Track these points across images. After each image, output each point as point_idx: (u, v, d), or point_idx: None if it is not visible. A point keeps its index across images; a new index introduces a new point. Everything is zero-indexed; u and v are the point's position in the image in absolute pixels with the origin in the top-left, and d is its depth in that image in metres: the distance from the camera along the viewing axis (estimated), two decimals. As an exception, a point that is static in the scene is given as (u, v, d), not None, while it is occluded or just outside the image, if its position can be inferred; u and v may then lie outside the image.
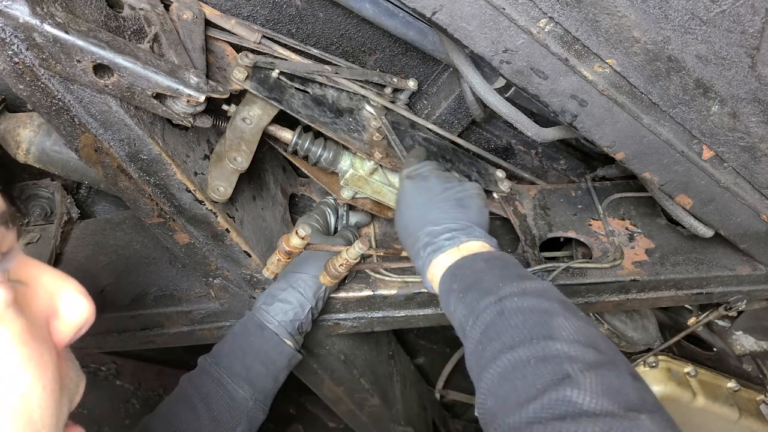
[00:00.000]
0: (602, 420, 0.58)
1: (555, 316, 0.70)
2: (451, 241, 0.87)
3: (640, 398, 0.62)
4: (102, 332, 1.17)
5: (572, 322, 0.70)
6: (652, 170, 0.98)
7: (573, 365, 0.64)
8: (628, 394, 0.61)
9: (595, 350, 0.66)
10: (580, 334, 0.68)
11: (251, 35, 1.05)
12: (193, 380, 0.96)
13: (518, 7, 0.77)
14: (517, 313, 0.72)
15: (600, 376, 0.62)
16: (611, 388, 0.61)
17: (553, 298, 0.74)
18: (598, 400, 0.60)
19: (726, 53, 0.80)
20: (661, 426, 0.59)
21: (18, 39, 0.67)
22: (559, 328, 0.69)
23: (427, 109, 1.32)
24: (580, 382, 0.62)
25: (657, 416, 0.60)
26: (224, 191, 0.93)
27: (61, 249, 1.28)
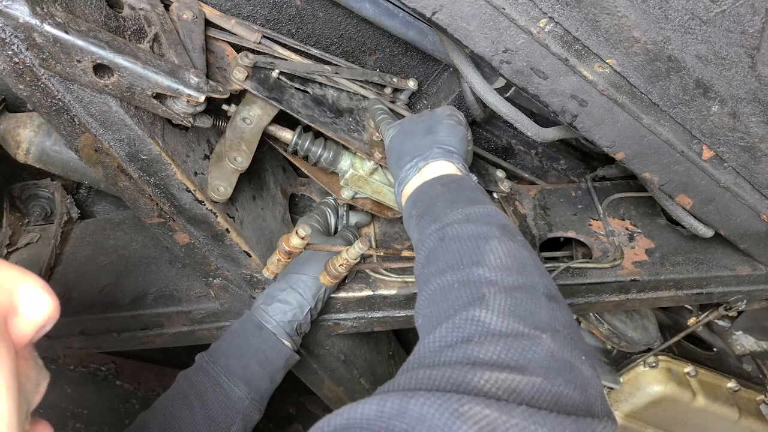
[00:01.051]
0: (504, 339, 0.60)
1: (489, 241, 0.73)
2: (413, 169, 0.89)
3: (549, 318, 0.65)
4: (102, 332, 1.17)
5: (504, 246, 0.72)
6: (652, 170, 0.98)
7: (490, 288, 0.66)
8: (537, 315, 0.64)
9: (518, 273, 0.69)
10: (508, 258, 0.71)
11: (251, 35, 1.05)
12: (190, 378, 0.96)
13: (518, 7, 0.76)
14: (455, 240, 0.75)
15: (512, 298, 0.65)
16: (521, 309, 0.64)
17: (494, 222, 0.77)
18: (505, 320, 0.62)
19: (726, 53, 0.80)
20: (561, 344, 0.62)
21: (18, 39, 0.67)
22: (489, 253, 0.71)
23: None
24: (490, 303, 0.64)
25: (560, 334, 0.63)
26: (224, 191, 0.93)
27: (61, 249, 1.28)
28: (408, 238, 1.26)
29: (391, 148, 0.98)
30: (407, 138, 0.95)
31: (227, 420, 0.93)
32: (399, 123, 1.02)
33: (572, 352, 0.64)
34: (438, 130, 0.94)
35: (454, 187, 0.85)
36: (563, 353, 0.63)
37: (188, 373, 0.97)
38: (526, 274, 0.70)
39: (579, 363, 0.63)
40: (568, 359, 0.63)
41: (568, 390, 0.59)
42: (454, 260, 0.73)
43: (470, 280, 0.69)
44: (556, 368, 0.61)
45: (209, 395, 0.93)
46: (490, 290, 0.67)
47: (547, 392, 0.58)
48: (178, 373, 0.98)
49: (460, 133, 0.95)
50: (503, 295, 0.66)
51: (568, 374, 0.61)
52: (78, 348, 1.22)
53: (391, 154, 0.98)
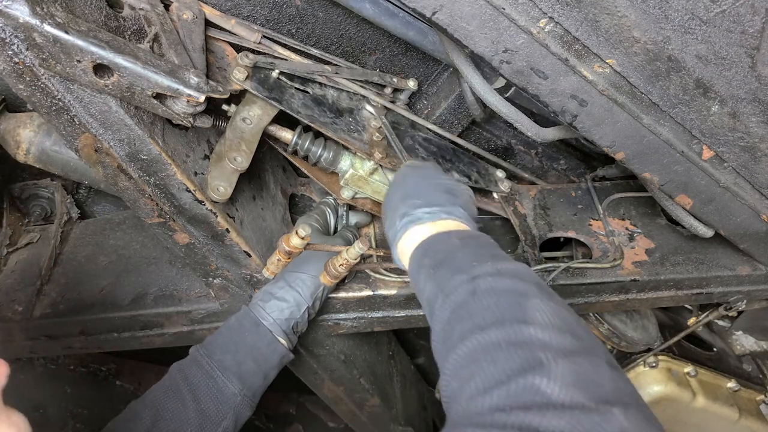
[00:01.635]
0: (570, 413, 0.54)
1: (530, 299, 0.66)
2: (430, 215, 0.83)
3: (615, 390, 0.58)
4: (102, 332, 1.17)
5: (548, 306, 0.66)
6: (652, 170, 0.98)
7: (546, 352, 0.59)
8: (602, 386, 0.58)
9: (572, 336, 0.62)
10: (556, 318, 0.64)
11: (251, 35, 1.05)
12: (184, 370, 0.95)
13: (518, 7, 0.76)
14: (491, 293, 0.68)
15: (574, 364, 0.58)
16: (584, 378, 0.58)
17: (529, 280, 0.70)
18: (569, 391, 0.56)
19: (726, 53, 0.80)
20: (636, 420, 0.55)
21: (18, 39, 0.67)
22: (534, 311, 0.65)
23: (427, 109, 1.32)
24: (551, 370, 0.57)
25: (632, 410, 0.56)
26: (224, 191, 0.93)
27: (61, 249, 1.28)
28: None
29: (401, 182, 0.92)
30: (424, 184, 0.89)
31: (219, 415, 0.92)
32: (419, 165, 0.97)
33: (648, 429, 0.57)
34: (458, 195, 0.89)
35: (473, 243, 0.78)
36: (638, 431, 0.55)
37: (182, 366, 0.96)
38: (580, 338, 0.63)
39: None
40: None
41: None
42: (494, 316, 0.65)
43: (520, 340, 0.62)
44: None
45: (202, 389, 0.92)
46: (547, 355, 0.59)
47: None
48: (172, 365, 0.97)
49: (474, 212, 0.91)
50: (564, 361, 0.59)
51: None
52: (78, 348, 1.22)
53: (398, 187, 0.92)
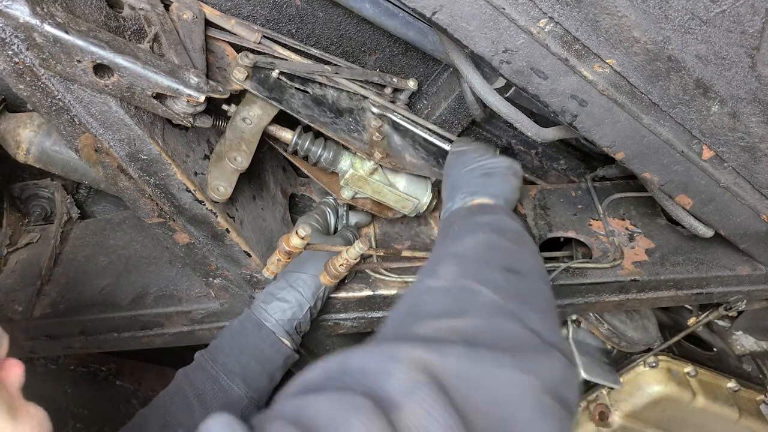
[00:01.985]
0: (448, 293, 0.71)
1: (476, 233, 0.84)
2: (464, 200, 0.99)
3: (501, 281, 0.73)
4: (102, 332, 1.17)
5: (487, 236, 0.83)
6: (652, 170, 0.98)
7: (448, 260, 0.78)
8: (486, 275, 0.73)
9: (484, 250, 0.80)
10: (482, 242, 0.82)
11: (251, 35, 1.05)
12: (189, 375, 0.96)
13: (518, 7, 0.76)
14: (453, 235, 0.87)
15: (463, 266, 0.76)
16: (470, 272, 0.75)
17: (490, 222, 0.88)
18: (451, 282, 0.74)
19: (726, 53, 0.80)
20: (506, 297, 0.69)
21: (18, 39, 0.67)
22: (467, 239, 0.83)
23: (427, 109, 1.31)
24: (440, 272, 0.76)
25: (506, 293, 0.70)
26: (224, 191, 0.93)
27: (61, 249, 1.28)
28: (407, 238, 1.26)
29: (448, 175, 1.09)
30: (464, 173, 1.05)
31: None
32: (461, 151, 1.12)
33: (520, 306, 0.68)
34: (493, 175, 1.02)
35: (476, 209, 0.95)
36: (508, 305, 0.67)
37: (187, 371, 0.97)
38: (491, 252, 0.79)
39: (526, 315, 0.66)
40: (513, 309, 0.66)
41: (508, 325, 0.63)
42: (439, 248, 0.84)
43: (438, 259, 0.79)
44: (497, 312, 0.66)
45: (208, 393, 0.93)
46: (446, 262, 0.76)
47: (486, 330, 0.61)
48: (178, 371, 0.97)
49: (512, 185, 1.03)
50: (456, 265, 0.75)
51: (510, 319, 0.65)
52: (78, 348, 1.22)
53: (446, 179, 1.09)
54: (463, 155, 1.09)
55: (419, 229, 1.29)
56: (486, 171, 1.03)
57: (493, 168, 1.03)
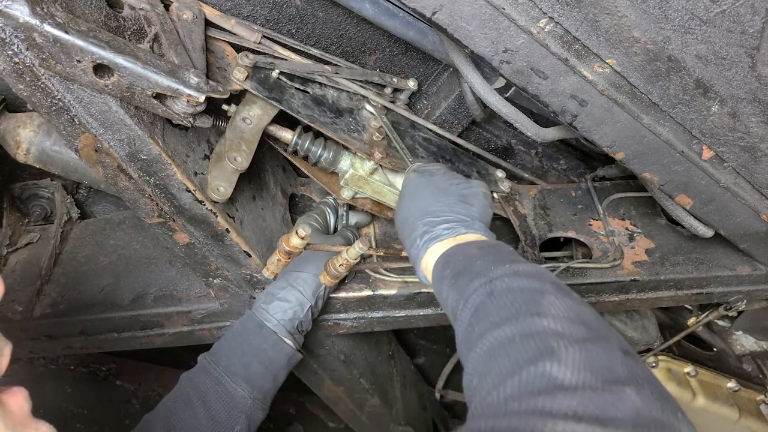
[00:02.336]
0: (581, 393, 0.54)
1: (546, 295, 0.67)
2: (449, 231, 0.86)
3: (628, 373, 0.58)
4: (102, 332, 1.17)
5: (563, 301, 0.67)
6: (652, 170, 0.98)
7: (558, 341, 0.60)
8: (614, 369, 0.58)
9: (586, 327, 0.63)
10: (570, 312, 0.65)
11: (251, 35, 1.05)
12: (193, 378, 0.96)
13: (518, 7, 0.76)
14: (507, 293, 0.70)
15: (585, 350, 0.59)
16: (596, 362, 0.58)
17: (545, 279, 0.72)
18: (579, 374, 0.56)
19: (726, 53, 0.80)
20: (649, 399, 0.55)
21: (18, 39, 0.67)
22: (548, 305, 0.66)
23: (427, 109, 1.32)
24: (561, 356, 0.58)
25: (645, 390, 0.56)
26: (224, 191, 0.93)
27: (61, 249, 1.28)
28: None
29: (414, 194, 0.95)
30: (437, 194, 0.92)
31: (230, 420, 0.93)
32: (429, 171, 0.99)
33: (663, 407, 0.56)
34: (473, 203, 0.92)
35: (492, 250, 0.80)
36: (652, 410, 0.55)
37: (191, 374, 0.97)
38: (593, 328, 0.64)
39: (674, 421, 0.55)
40: (659, 416, 0.55)
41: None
42: (510, 312, 0.66)
43: (533, 332, 0.62)
44: (645, 424, 0.53)
45: (212, 396, 0.93)
46: (559, 343, 0.60)
47: None
48: (181, 374, 0.98)
49: (489, 214, 0.94)
50: (575, 347, 0.59)
51: (660, 428, 0.54)
52: (78, 348, 1.22)
53: (411, 200, 0.94)
54: (433, 175, 0.98)
55: (419, 229, 1.29)
56: (463, 196, 0.93)
57: (469, 194, 0.94)
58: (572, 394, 0.55)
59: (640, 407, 0.54)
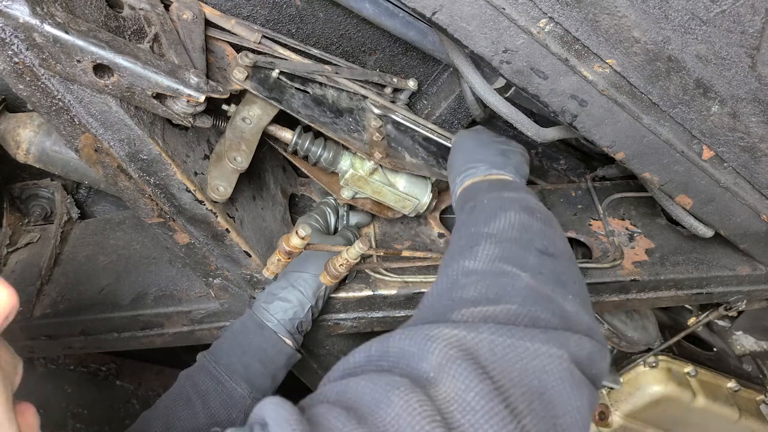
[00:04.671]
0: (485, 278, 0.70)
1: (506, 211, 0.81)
2: (484, 171, 0.97)
3: (536, 264, 0.72)
4: (102, 332, 1.17)
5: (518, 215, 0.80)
6: (652, 170, 0.98)
7: (485, 241, 0.75)
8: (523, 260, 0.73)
9: (518, 232, 0.77)
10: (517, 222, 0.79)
11: (251, 35, 1.05)
12: (192, 377, 0.96)
13: (518, 7, 0.76)
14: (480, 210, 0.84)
15: (501, 248, 0.74)
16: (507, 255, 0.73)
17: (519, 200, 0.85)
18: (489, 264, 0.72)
19: (726, 53, 0.80)
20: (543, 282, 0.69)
21: (18, 39, 0.67)
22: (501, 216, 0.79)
23: (427, 109, 1.32)
24: (477, 252, 0.74)
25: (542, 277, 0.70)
26: (224, 191, 0.93)
27: (61, 249, 1.28)
28: (407, 238, 1.26)
29: (461, 146, 1.07)
30: (481, 146, 1.04)
31: (229, 419, 0.93)
32: (476, 129, 1.13)
33: (555, 290, 0.68)
34: (511, 157, 1.02)
35: (501, 182, 0.94)
36: (544, 289, 0.67)
37: (190, 373, 0.97)
38: (526, 233, 0.76)
39: (561, 299, 0.67)
40: (548, 294, 0.67)
41: (544, 314, 0.63)
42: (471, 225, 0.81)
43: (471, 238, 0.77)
44: (533, 298, 0.65)
45: (211, 394, 0.93)
46: (483, 243, 0.74)
47: (522, 316, 0.62)
48: (180, 372, 0.98)
49: (526, 170, 1.04)
50: (493, 245, 0.74)
51: (546, 304, 0.65)
52: (78, 348, 1.22)
53: (458, 150, 1.07)
54: (478, 133, 1.10)
55: (419, 229, 1.29)
56: (503, 150, 1.03)
57: (509, 148, 1.04)
58: (478, 281, 0.68)
59: (532, 285, 0.67)
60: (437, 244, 1.26)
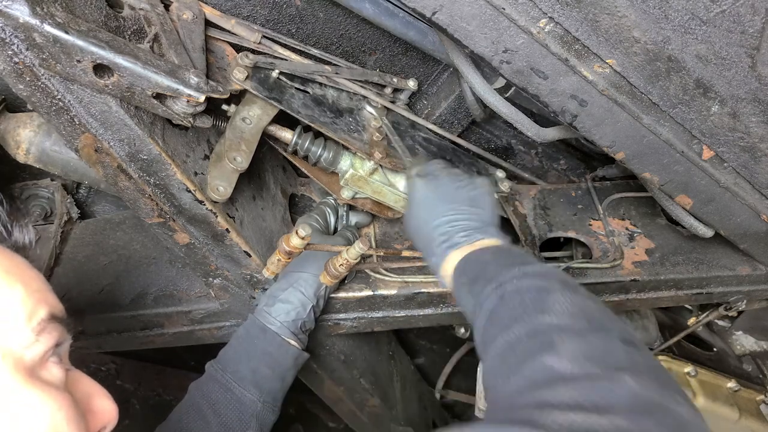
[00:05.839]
0: (578, 383, 0.56)
1: (551, 293, 0.70)
2: (467, 238, 0.87)
3: (627, 360, 0.60)
4: (102, 332, 1.17)
5: (568, 297, 0.69)
6: (652, 170, 0.98)
7: (559, 335, 0.63)
8: (614, 356, 0.60)
9: (587, 320, 0.65)
10: (574, 306, 0.67)
11: (251, 35, 1.05)
12: (201, 387, 0.96)
13: (518, 7, 0.76)
14: (516, 294, 0.72)
15: (584, 342, 0.61)
16: (595, 352, 0.60)
17: (552, 277, 0.74)
18: (577, 365, 0.58)
19: (726, 53, 0.80)
20: (647, 384, 0.56)
21: (18, 39, 0.67)
22: (552, 302, 0.68)
23: (427, 109, 1.32)
24: (561, 349, 0.60)
25: (644, 376, 0.57)
26: (224, 191, 0.93)
27: (61, 249, 1.28)
28: (407, 238, 1.26)
29: (422, 202, 0.95)
30: (447, 200, 0.92)
31: (242, 425, 0.93)
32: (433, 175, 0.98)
33: (662, 392, 0.57)
34: (482, 204, 0.93)
35: (504, 254, 0.83)
36: (650, 394, 0.56)
37: (199, 383, 0.97)
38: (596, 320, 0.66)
39: (673, 404, 0.56)
40: (658, 400, 0.56)
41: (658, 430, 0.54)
42: (518, 313, 0.69)
43: (538, 329, 0.65)
44: (644, 410, 0.55)
45: (221, 403, 0.93)
46: (560, 336, 0.62)
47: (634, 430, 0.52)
48: (190, 384, 0.98)
49: (497, 212, 0.95)
50: (574, 339, 0.62)
51: (659, 416, 0.55)
52: (78, 348, 1.21)
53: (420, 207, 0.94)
54: (437, 179, 0.97)
55: (419, 229, 1.29)
56: (471, 198, 0.93)
57: (477, 198, 0.94)
58: (571, 384, 0.57)
59: (638, 392, 0.55)
60: (437, 244, 1.26)
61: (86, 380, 0.64)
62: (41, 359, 0.57)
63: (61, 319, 0.61)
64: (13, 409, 0.52)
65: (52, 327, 0.58)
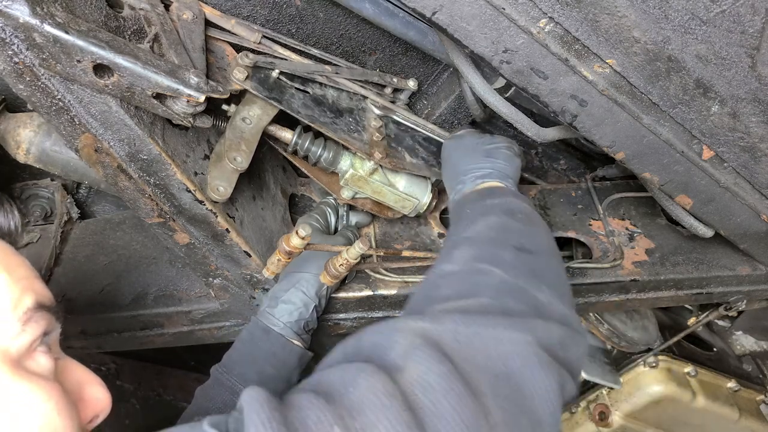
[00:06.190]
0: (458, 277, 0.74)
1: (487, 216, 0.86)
2: (473, 183, 1.01)
3: (512, 260, 0.75)
4: (102, 332, 1.17)
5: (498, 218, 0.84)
6: (652, 170, 0.98)
7: (463, 244, 0.81)
8: (497, 257, 0.76)
9: (495, 232, 0.82)
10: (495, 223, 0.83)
11: (251, 35, 1.05)
12: (207, 392, 0.96)
13: (518, 7, 0.76)
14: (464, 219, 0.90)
15: (477, 248, 0.78)
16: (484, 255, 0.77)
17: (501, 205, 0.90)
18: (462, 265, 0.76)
19: (726, 53, 0.80)
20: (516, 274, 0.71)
21: (18, 39, 0.67)
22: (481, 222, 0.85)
23: (427, 109, 1.31)
24: (455, 255, 0.78)
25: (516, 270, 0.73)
26: (224, 191, 0.93)
27: (61, 249, 1.28)
28: (407, 238, 1.26)
29: (449, 158, 1.11)
30: (467, 155, 1.06)
31: None
32: (459, 136, 1.14)
33: (529, 282, 0.70)
34: (496, 156, 1.04)
35: (485, 192, 0.97)
36: (516, 281, 0.70)
37: (205, 388, 0.97)
38: (503, 233, 0.80)
39: (534, 290, 0.70)
40: (521, 286, 0.69)
41: (515, 305, 0.67)
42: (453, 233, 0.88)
43: (453, 243, 0.82)
44: (506, 290, 0.68)
45: (228, 406, 0.93)
46: (461, 246, 0.79)
47: (492, 307, 0.65)
48: (196, 389, 0.98)
49: (516, 164, 1.05)
50: (471, 247, 0.78)
51: (518, 295, 0.68)
52: (78, 348, 1.22)
53: (447, 163, 1.11)
54: (462, 139, 1.11)
55: (419, 229, 1.29)
56: (488, 151, 1.05)
57: (493, 146, 1.05)
58: (451, 280, 0.73)
59: (506, 279, 0.70)
60: (437, 244, 1.26)
61: (78, 368, 0.63)
62: (28, 350, 0.56)
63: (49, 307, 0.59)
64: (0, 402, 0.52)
65: (39, 316, 0.57)
